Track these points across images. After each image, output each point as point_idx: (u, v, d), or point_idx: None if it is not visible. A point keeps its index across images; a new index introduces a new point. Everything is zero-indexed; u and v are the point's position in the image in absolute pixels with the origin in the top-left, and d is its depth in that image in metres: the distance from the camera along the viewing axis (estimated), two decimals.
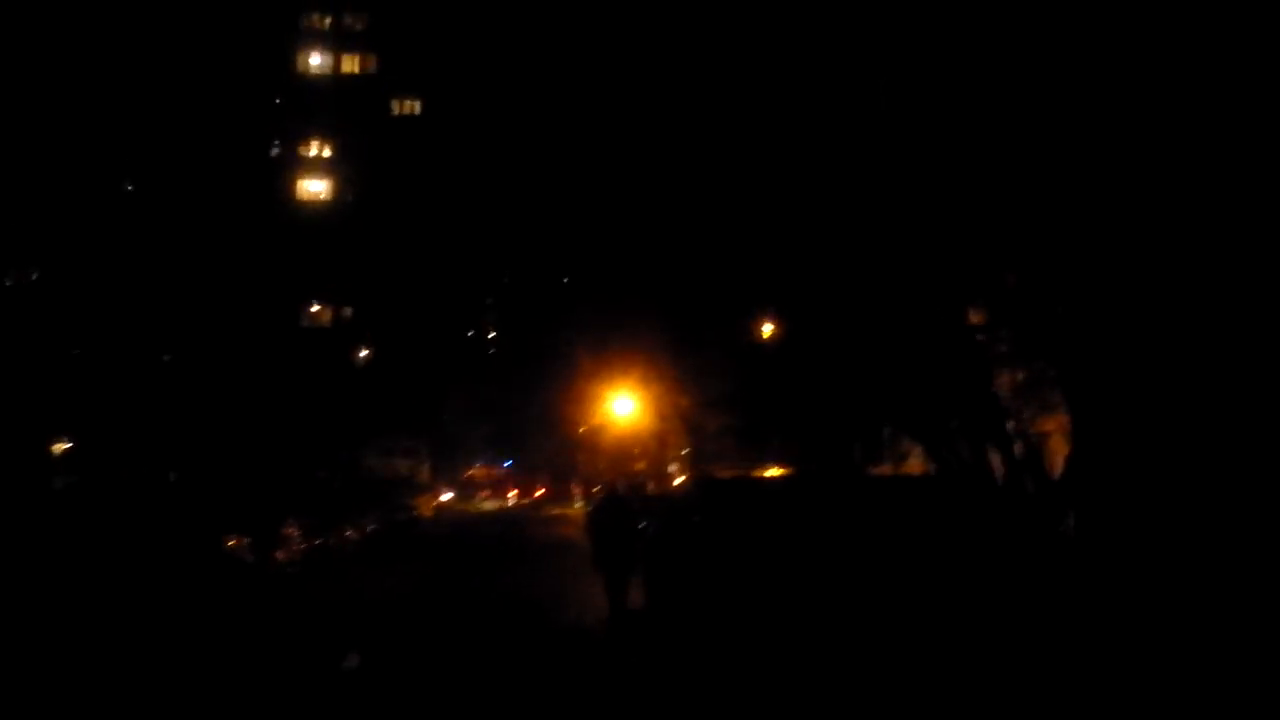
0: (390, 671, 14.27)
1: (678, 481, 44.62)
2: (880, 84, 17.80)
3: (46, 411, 52.82)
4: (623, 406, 51.47)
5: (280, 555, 23.55)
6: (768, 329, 24.04)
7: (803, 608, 13.52)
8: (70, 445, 58.78)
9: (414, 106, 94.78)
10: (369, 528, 36.95)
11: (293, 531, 24.72)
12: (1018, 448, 18.09)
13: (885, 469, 24.50)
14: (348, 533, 34.13)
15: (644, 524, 19.58)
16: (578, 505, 65.78)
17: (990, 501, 15.95)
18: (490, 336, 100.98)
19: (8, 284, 59.38)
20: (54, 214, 54.83)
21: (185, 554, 17.39)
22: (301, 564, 24.98)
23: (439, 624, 17.97)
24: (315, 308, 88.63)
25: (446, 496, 70.45)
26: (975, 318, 17.70)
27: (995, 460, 17.91)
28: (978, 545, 14.05)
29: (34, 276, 59.92)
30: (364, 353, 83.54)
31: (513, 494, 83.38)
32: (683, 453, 48.51)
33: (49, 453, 57.28)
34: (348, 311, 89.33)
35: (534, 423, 79.41)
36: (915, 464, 24.73)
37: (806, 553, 14.05)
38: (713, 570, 15.01)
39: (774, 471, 23.28)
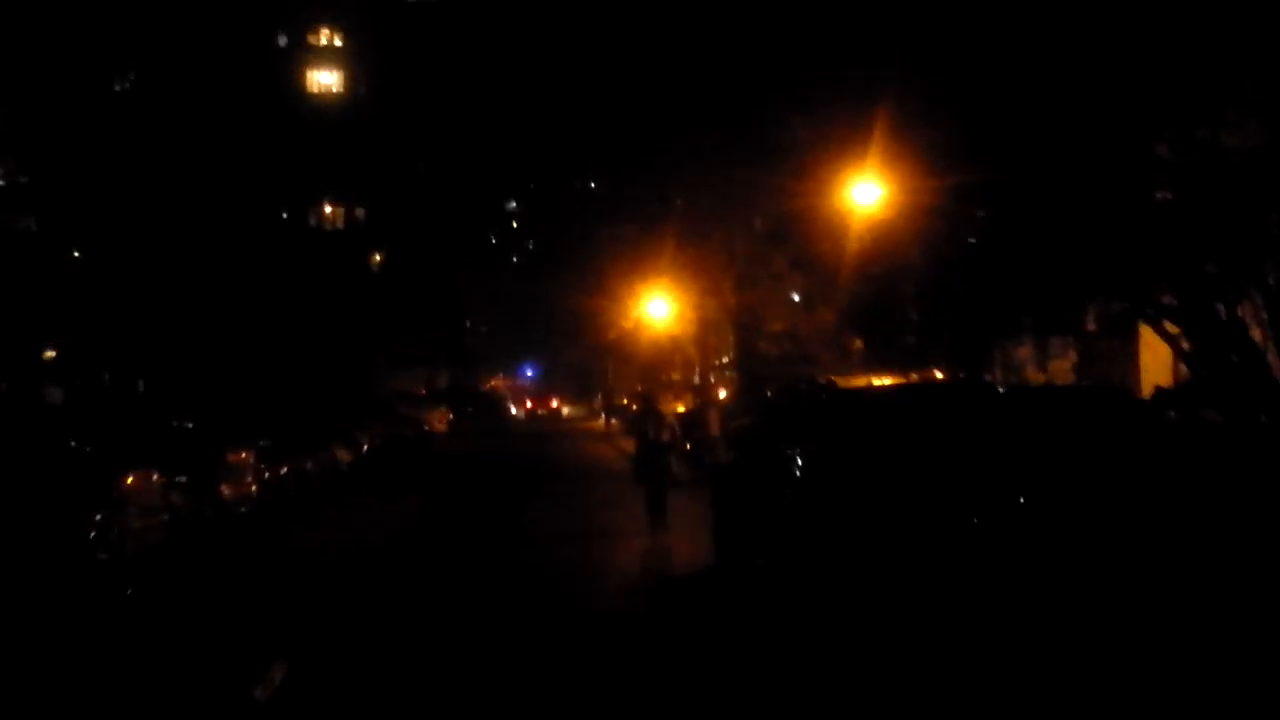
0: (327, 697, 8.74)
1: (722, 394, 38.72)
2: None
3: (40, 316, 48.49)
4: (657, 309, 45.50)
5: (227, 490, 17.89)
6: (867, 191, 17.95)
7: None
8: (56, 353, 54.46)
9: None
10: (365, 447, 31.42)
11: (245, 457, 19.03)
12: None
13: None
14: (339, 454, 28.65)
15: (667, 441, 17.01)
16: (603, 417, 60.84)
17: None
18: (513, 241, 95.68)
19: (1, 184, 54.72)
20: (47, 112, 50.01)
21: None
22: (258, 500, 19.32)
23: (423, 598, 12.28)
24: (327, 208, 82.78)
25: (464, 409, 64.94)
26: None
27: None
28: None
29: (24, 180, 55.35)
30: (378, 257, 78.75)
31: (533, 405, 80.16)
32: (723, 360, 42.53)
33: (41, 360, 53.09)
34: (361, 212, 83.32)
35: (560, 331, 74.43)
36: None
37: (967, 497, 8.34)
38: (821, 529, 9.38)
39: (881, 381, 17.46)
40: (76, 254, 53.98)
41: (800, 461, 10.34)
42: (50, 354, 53.59)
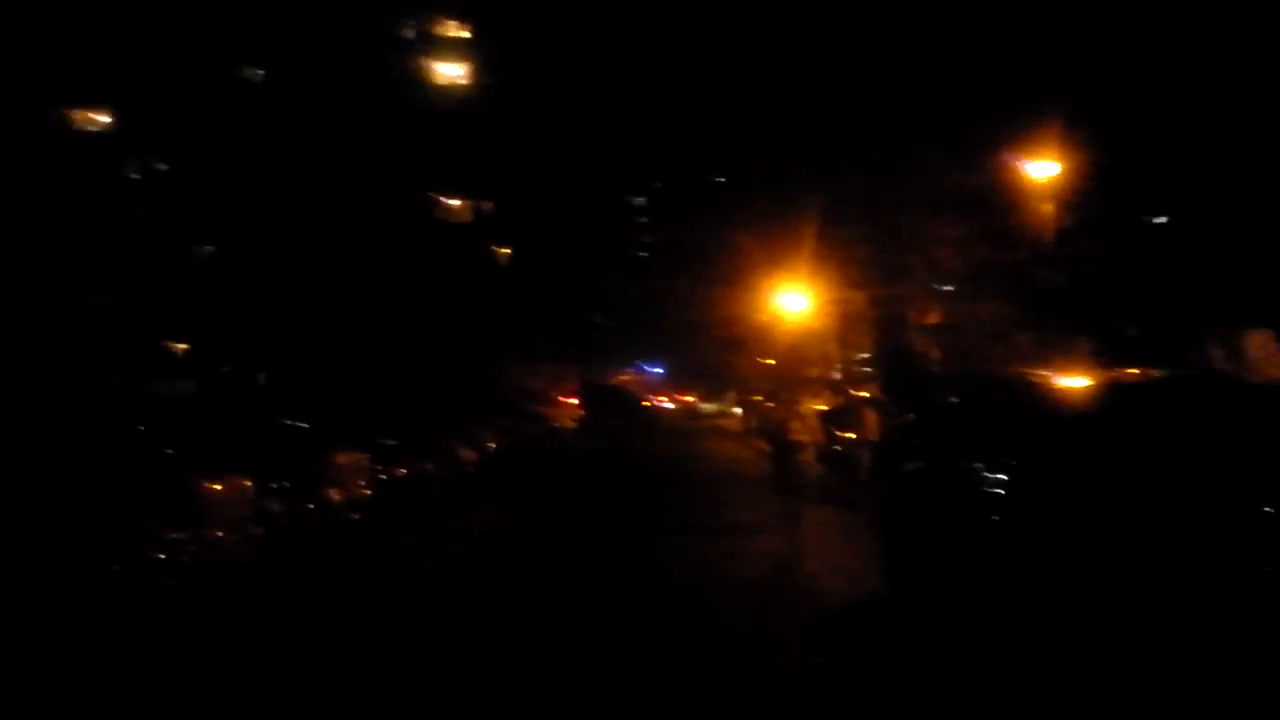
0: None
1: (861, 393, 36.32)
2: None
3: (165, 308, 48.38)
4: (794, 302, 43.28)
5: (336, 495, 16.33)
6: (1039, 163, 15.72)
7: None
8: (187, 347, 54.53)
9: None
10: (491, 445, 29.92)
11: (359, 459, 17.47)
12: None
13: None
14: (463, 454, 27.16)
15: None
16: (736, 413, 59.07)
17: None
18: (642, 235, 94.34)
19: (135, 177, 54.77)
20: (178, 101, 49.81)
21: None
22: (373, 505, 17.74)
23: (544, 630, 10.41)
24: (454, 201, 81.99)
25: (593, 406, 63.67)
26: None
27: None
28: None
29: (162, 168, 55.35)
30: (504, 250, 77.86)
31: (665, 401, 79.55)
32: (860, 356, 39.92)
33: (171, 353, 53.19)
34: (488, 206, 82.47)
35: (691, 327, 72.66)
36: None
37: None
38: (1048, 562, 7.36)
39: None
40: (208, 247, 53.84)
41: (1013, 476, 8.26)
42: (183, 346, 53.44)
